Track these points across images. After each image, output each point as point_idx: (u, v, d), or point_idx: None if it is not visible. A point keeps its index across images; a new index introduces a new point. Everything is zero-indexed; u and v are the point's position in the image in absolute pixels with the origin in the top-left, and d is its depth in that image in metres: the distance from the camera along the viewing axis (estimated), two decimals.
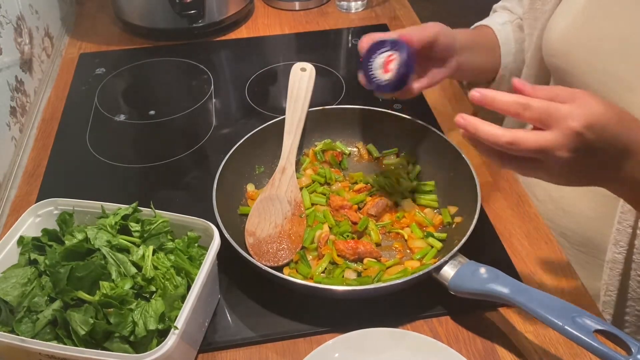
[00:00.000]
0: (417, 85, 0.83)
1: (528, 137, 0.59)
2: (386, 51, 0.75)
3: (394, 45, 0.75)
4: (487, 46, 0.99)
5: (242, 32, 1.35)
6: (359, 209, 0.87)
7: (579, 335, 0.61)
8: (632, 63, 0.77)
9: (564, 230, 0.90)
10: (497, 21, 1.01)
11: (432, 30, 0.82)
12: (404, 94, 0.82)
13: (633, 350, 0.59)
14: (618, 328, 0.84)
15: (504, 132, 0.60)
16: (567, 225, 0.89)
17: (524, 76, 0.99)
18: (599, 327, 0.62)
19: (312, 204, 0.88)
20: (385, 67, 0.75)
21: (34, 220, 0.74)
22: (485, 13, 1.07)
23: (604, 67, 0.79)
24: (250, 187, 0.91)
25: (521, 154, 0.61)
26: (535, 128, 0.62)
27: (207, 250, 0.69)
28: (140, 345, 0.63)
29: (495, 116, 0.70)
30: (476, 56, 0.96)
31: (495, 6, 1.07)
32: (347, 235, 0.82)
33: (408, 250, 0.83)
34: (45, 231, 0.72)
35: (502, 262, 0.81)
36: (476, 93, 0.63)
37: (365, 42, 0.81)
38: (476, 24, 1.04)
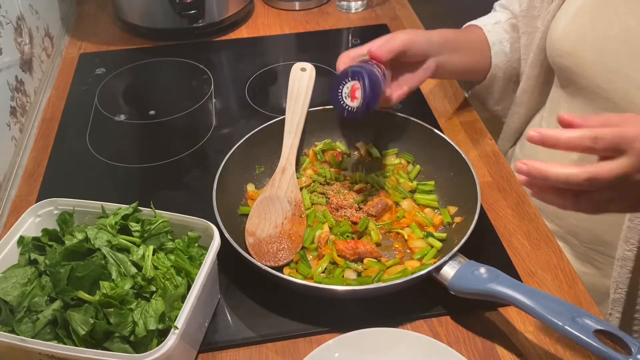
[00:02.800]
0: (396, 93, 0.85)
1: (605, 169, 0.57)
2: (349, 81, 0.77)
3: (355, 74, 0.77)
4: (472, 46, 0.99)
5: (242, 32, 1.35)
6: (359, 209, 0.87)
7: (579, 335, 0.61)
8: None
9: (574, 228, 0.90)
10: (489, 22, 1.01)
11: (400, 40, 0.83)
12: (385, 103, 0.84)
13: (633, 350, 0.59)
14: (627, 326, 0.85)
15: (579, 170, 0.57)
16: (577, 223, 0.89)
17: (526, 76, 0.99)
18: (599, 327, 0.62)
19: (312, 204, 0.88)
20: (352, 95, 0.78)
21: (34, 220, 0.74)
22: (485, 13, 1.07)
23: (612, 65, 0.79)
24: (250, 187, 0.91)
25: (599, 187, 0.58)
26: (601, 158, 0.59)
27: (207, 250, 0.69)
28: (140, 345, 0.63)
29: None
30: (459, 56, 0.96)
31: (495, 4, 1.07)
32: (347, 236, 0.82)
33: (408, 250, 0.83)
34: (45, 231, 0.72)
35: (502, 262, 0.81)
36: (535, 133, 0.59)
37: (340, 67, 0.83)
38: (468, 24, 1.04)
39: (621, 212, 0.64)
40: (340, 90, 0.78)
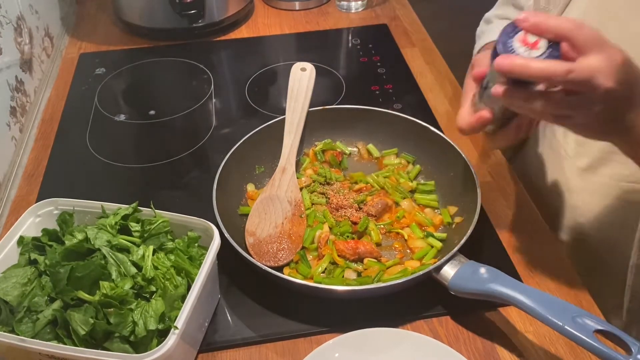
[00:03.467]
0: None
1: (581, 63, 0.57)
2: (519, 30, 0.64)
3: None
4: None
5: (242, 32, 1.35)
6: (359, 209, 0.87)
7: (579, 335, 0.61)
8: None
9: (585, 236, 0.88)
10: None
11: None
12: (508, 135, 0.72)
13: (633, 350, 0.59)
14: None
15: (558, 62, 0.57)
16: (589, 232, 0.88)
17: None
18: (599, 327, 0.62)
19: (312, 204, 0.88)
20: (531, 44, 0.64)
21: (34, 220, 0.74)
22: (484, 12, 1.06)
23: None
24: (250, 187, 0.91)
25: (572, 86, 0.58)
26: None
27: (207, 250, 0.68)
28: (140, 345, 0.63)
29: None
30: None
31: (488, 16, 1.02)
32: (347, 236, 0.82)
33: (408, 250, 0.83)
34: (45, 231, 0.72)
35: (502, 262, 0.81)
36: (525, 16, 0.58)
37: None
38: (485, 43, 0.96)
39: (583, 129, 0.64)
40: (510, 44, 0.64)
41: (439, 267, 0.72)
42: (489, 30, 1.00)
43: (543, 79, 0.58)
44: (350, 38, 1.32)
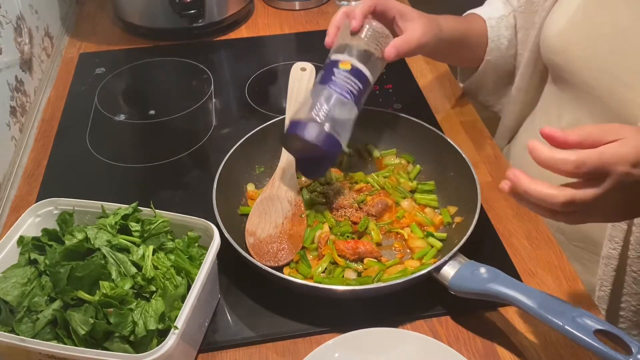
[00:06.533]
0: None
1: (585, 194, 0.57)
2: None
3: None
4: (473, 42, 0.99)
5: (242, 32, 1.35)
6: (359, 208, 0.87)
7: (579, 335, 0.61)
8: (628, 60, 0.77)
9: (562, 226, 0.90)
10: (494, 15, 1.00)
11: (416, 41, 0.84)
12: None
13: (633, 350, 0.59)
14: (613, 323, 0.84)
15: (558, 192, 0.57)
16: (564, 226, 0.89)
17: (521, 74, 0.99)
18: (599, 327, 0.62)
19: (312, 204, 0.88)
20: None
21: (34, 220, 0.74)
22: None
23: (600, 64, 0.79)
24: (250, 187, 0.91)
25: (575, 209, 0.59)
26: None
27: (207, 250, 0.69)
28: (140, 345, 0.63)
29: None
30: (460, 53, 1.01)
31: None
32: (347, 236, 0.82)
33: (408, 250, 0.83)
34: (45, 231, 0.72)
35: (502, 262, 0.81)
36: (533, 144, 0.58)
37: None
38: (471, 11, 1.03)
39: (595, 222, 0.66)
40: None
41: (439, 267, 0.72)
42: (484, 8, 1.04)
43: (544, 203, 0.58)
44: None
